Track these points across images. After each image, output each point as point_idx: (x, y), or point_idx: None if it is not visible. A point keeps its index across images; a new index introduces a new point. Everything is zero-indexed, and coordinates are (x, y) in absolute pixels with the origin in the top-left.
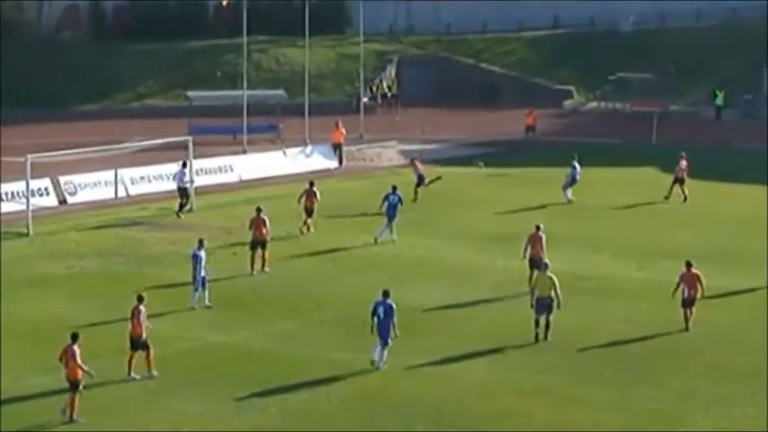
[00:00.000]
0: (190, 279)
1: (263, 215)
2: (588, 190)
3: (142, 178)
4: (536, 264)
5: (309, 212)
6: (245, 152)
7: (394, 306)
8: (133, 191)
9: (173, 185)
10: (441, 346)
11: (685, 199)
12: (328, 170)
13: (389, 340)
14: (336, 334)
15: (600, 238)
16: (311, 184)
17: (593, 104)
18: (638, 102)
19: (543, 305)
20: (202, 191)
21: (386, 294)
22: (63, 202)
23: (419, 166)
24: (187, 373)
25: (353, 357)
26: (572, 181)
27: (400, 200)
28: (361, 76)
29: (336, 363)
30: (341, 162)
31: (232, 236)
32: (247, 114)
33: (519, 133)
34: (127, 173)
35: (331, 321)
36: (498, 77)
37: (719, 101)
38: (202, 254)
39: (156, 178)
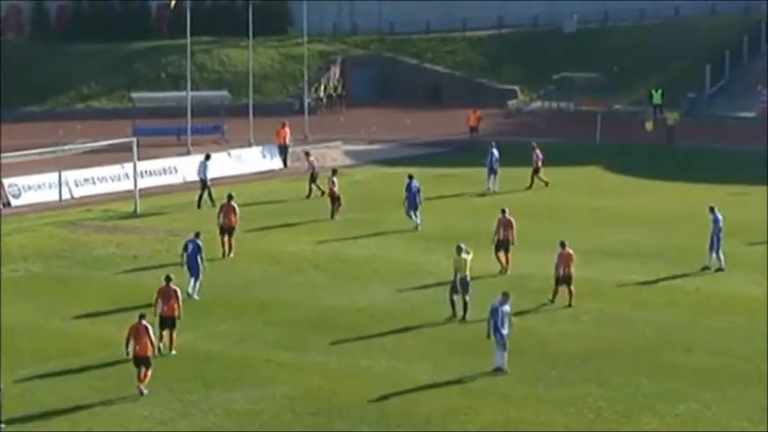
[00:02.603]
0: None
1: (233, 203)
2: (533, 189)
3: (86, 180)
4: (502, 246)
5: (229, 231)
6: (189, 153)
7: (508, 309)
8: (77, 193)
9: (117, 187)
10: (386, 346)
11: (546, 184)
12: (273, 171)
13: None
14: (281, 335)
15: (544, 238)
16: (229, 197)
17: (538, 104)
18: (582, 101)
19: (463, 284)
20: (147, 193)
21: (505, 295)
22: (7, 204)
23: (312, 160)
24: (132, 374)
25: (298, 358)
26: (490, 170)
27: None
28: (305, 77)
29: (281, 364)
30: (286, 163)
31: (177, 237)
32: (191, 116)
33: (464, 133)
34: (71, 175)
35: (275, 322)
36: (442, 77)
37: (657, 99)
38: (200, 242)
39: (101, 180)
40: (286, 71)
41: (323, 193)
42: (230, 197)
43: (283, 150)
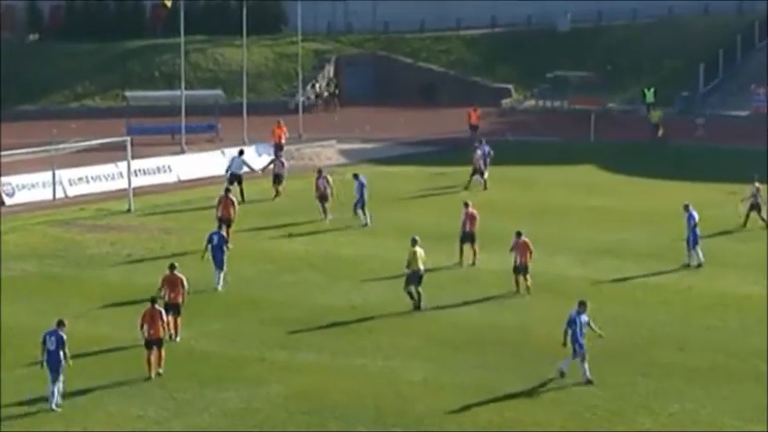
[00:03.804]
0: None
1: (230, 196)
2: (528, 188)
3: (80, 179)
4: (467, 238)
5: (227, 224)
6: (183, 152)
7: (586, 319)
8: (71, 192)
9: (111, 186)
10: (381, 345)
11: (485, 187)
12: (267, 170)
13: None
14: (275, 334)
15: (540, 237)
16: (227, 190)
17: (532, 103)
18: (576, 100)
19: (415, 277)
20: (140, 191)
21: (582, 305)
22: (1, 203)
23: (285, 163)
24: (126, 374)
25: (293, 357)
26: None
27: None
28: (300, 76)
29: (276, 363)
30: (282, 162)
31: (171, 236)
32: (185, 114)
33: (458, 132)
34: (65, 174)
35: (270, 322)
36: (436, 76)
37: (649, 98)
38: (225, 234)
39: (95, 179)
40: (280, 70)
41: (277, 195)
42: (228, 190)
43: (279, 149)
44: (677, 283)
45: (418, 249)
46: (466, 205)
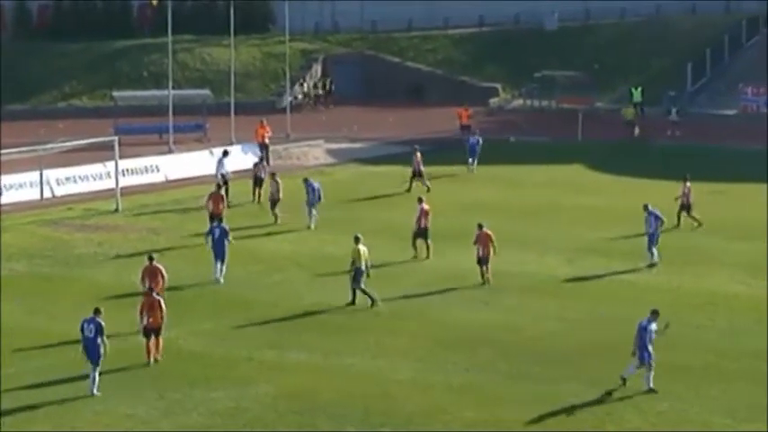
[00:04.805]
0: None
1: (221, 192)
2: (516, 187)
3: (68, 179)
4: (420, 234)
5: (219, 218)
6: (171, 152)
7: (655, 327)
8: (59, 191)
9: (99, 186)
10: (369, 345)
11: (428, 189)
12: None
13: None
14: (264, 334)
15: (528, 236)
16: (218, 186)
17: (519, 102)
18: (564, 99)
19: (359, 274)
20: (128, 191)
21: (654, 313)
22: None
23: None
24: (115, 373)
25: (281, 357)
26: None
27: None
28: (287, 75)
29: (264, 362)
30: (267, 161)
31: (160, 236)
32: (173, 114)
33: (446, 131)
34: (53, 173)
35: (258, 321)
36: (424, 75)
37: (637, 97)
38: (226, 227)
39: (83, 179)
40: (268, 69)
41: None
42: (219, 186)
43: (264, 149)
44: (665, 282)
45: (361, 247)
46: (420, 201)
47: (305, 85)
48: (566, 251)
